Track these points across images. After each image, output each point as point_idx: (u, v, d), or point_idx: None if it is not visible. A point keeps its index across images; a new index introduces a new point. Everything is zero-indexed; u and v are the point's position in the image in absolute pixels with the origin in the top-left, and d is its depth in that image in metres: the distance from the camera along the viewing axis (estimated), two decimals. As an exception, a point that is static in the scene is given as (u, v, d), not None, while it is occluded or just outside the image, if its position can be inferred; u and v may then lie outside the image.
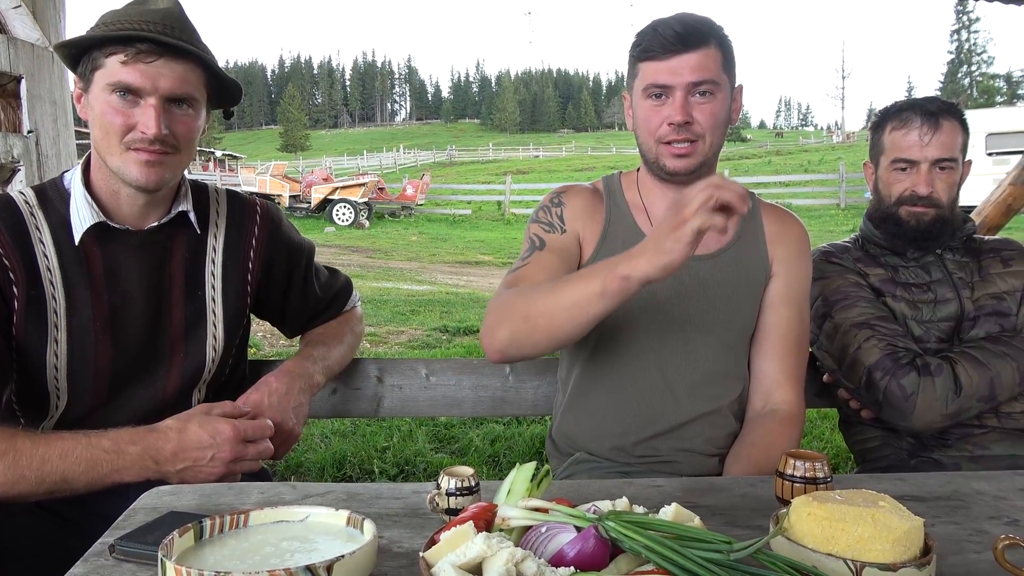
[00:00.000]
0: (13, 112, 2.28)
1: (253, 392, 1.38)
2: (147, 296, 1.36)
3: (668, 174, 1.42)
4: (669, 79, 1.36)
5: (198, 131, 1.33)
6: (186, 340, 1.39)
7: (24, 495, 1.17)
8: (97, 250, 1.32)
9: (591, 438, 1.49)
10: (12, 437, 1.18)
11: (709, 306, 1.45)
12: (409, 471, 3.44)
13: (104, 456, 1.19)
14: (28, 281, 1.27)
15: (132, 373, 1.36)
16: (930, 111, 1.62)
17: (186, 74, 1.27)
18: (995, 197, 4.01)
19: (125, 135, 1.26)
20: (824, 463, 1.02)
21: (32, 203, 1.32)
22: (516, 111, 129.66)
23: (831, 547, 0.78)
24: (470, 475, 0.97)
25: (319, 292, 1.61)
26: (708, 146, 1.39)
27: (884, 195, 1.69)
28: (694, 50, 1.34)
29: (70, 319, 1.30)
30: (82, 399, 1.33)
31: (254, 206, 1.52)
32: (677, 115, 1.35)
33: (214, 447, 1.21)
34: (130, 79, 1.23)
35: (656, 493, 1.12)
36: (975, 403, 1.53)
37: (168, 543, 0.74)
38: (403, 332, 6.49)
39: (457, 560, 0.71)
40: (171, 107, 1.27)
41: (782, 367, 1.46)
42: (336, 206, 19.41)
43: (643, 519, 0.76)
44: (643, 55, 1.39)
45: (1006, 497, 1.11)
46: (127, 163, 1.27)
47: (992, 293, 1.65)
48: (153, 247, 1.37)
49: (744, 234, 1.50)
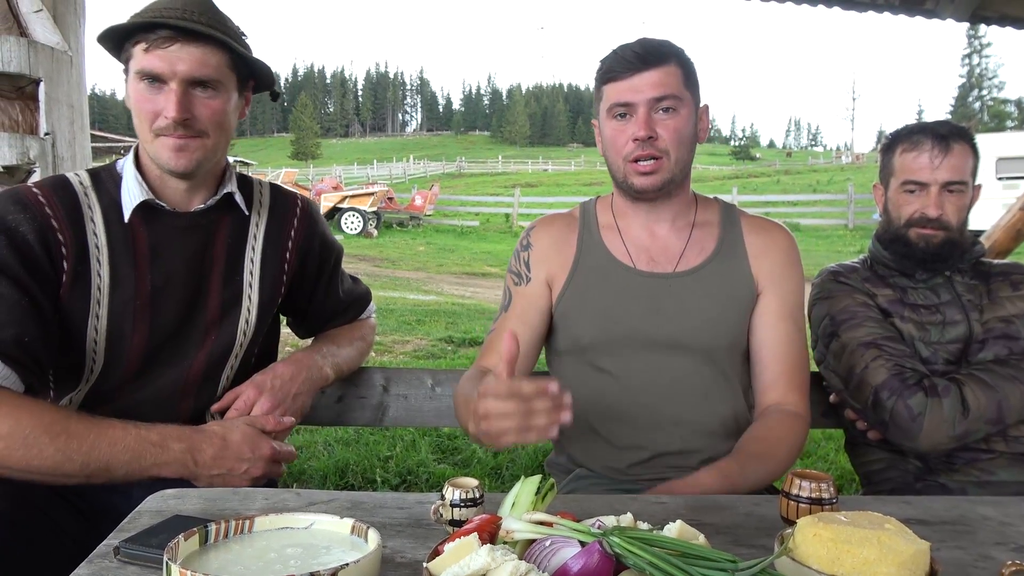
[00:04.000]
0: (31, 114, 2.31)
1: (259, 374, 1.42)
2: (188, 277, 1.38)
3: (636, 192, 1.43)
4: (631, 96, 1.39)
5: (226, 114, 1.34)
6: (220, 323, 1.42)
7: (68, 476, 1.19)
8: (144, 230, 1.35)
9: (586, 458, 1.49)
10: (67, 419, 1.20)
11: (689, 322, 1.44)
12: (412, 481, 3.43)
13: (150, 449, 1.22)
14: (77, 256, 1.30)
15: (164, 352, 1.38)
16: (941, 134, 1.62)
17: (205, 57, 1.28)
18: (1005, 222, 4.00)
19: (153, 122, 1.29)
20: (830, 484, 1.02)
21: (86, 184, 1.35)
22: (526, 124, 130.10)
23: (836, 569, 0.77)
24: (475, 487, 0.97)
25: (341, 295, 1.65)
26: (674, 162, 1.41)
27: (893, 216, 1.69)
28: (654, 67, 1.38)
29: (112, 296, 1.32)
30: (113, 373, 1.35)
31: (296, 199, 1.56)
32: (640, 130, 1.38)
33: (251, 462, 1.27)
34: (151, 65, 1.26)
35: (660, 510, 1.12)
36: (982, 425, 1.52)
37: (173, 546, 0.75)
38: (408, 342, 6.49)
39: (460, 572, 0.71)
40: (193, 91, 1.29)
41: (788, 380, 1.45)
42: (345, 214, 19.47)
43: (648, 535, 0.75)
44: (605, 77, 1.43)
45: (1013, 523, 1.10)
46: (158, 149, 1.30)
47: (1001, 316, 1.64)
48: (198, 229, 1.39)
49: (724, 248, 1.50)
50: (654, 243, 1.49)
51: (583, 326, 1.46)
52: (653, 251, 1.48)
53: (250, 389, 1.40)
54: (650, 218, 1.50)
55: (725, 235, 1.51)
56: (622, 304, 1.45)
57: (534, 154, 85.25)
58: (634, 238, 1.50)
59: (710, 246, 1.49)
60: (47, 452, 1.17)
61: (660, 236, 1.50)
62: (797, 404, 1.44)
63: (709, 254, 1.48)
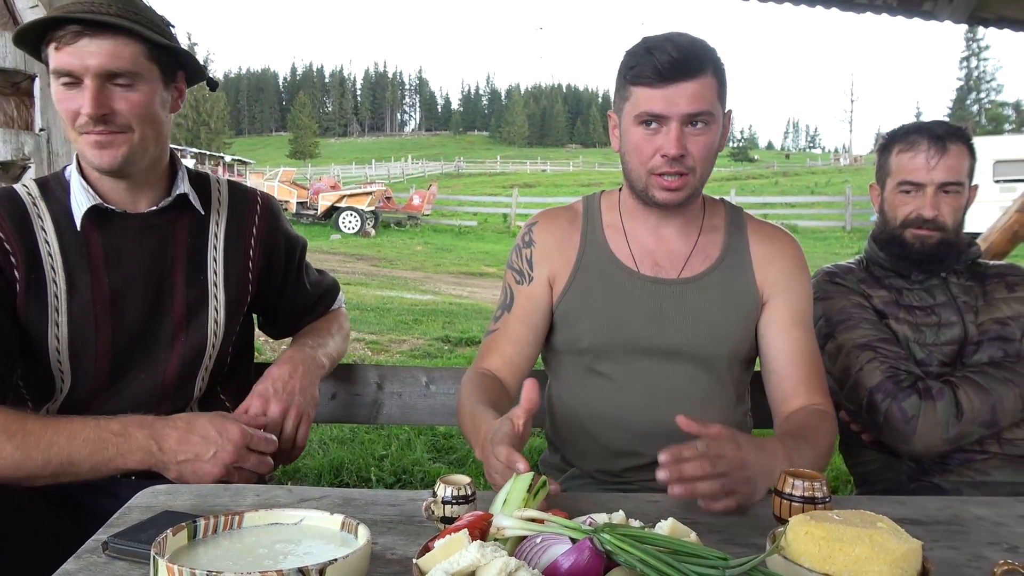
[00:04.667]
0: (26, 110, 2.30)
1: (258, 384, 1.38)
2: (148, 279, 1.36)
3: (656, 204, 1.38)
4: (664, 109, 1.30)
5: (151, 106, 1.30)
6: (187, 324, 1.40)
7: (31, 476, 1.17)
8: (97, 234, 1.33)
9: (579, 460, 1.48)
10: (23, 419, 1.19)
11: (691, 330, 1.41)
12: (406, 480, 3.42)
13: (111, 439, 1.19)
14: (28, 264, 1.28)
15: (133, 356, 1.37)
16: (937, 135, 1.62)
17: (116, 49, 1.24)
18: (1001, 224, 4.01)
19: (75, 120, 1.25)
20: (823, 483, 1.02)
21: (34, 194, 1.34)
22: (525, 125, 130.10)
23: (828, 567, 0.77)
24: (467, 484, 0.97)
25: (309, 287, 1.63)
26: (698, 179, 1.37)
27: (890, 217, 1.69)
28: (691, 79, 1.29)
29: (71, 302, 1.31)
30: (85, 381, 1.34)
31: (255, 195, 1.54)
32: (672, 148, 1.31)
33: (218, 444, 1.21)
34: (63, 63, 1.23)
35: (653, 508, 1.11)
36: (976, 428, 1.52)
37: (161, 541, 0.74)
38: (405, 341, 6.48)
39: (450, 568, 0.70)
40: (110, 85, 1.25)
41: (808, 385, 1.40)
42: (343, 214, 19.45)
43: (639, 532, 0.75)
44: (636, 80, 1.33)
45: (1006, 523, 1.10)
46: (83, 148, 1.28)
47: (996, 318, 1.64)
48: (154, 230, 1.38)
49: (729, 255, 1.46)
50: (659, 247, 1.45)
51: (583, 329, 1.44)
52: (658, 255, 1.45)
53: (255, 401, 1.35)
54: (659, 223, 1.45)
55: (730, 242, 1.47)
56: (623, 310, 1.42)
57: (532, 154, 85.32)
58: (640, 241, 1.46)
59: (715, 253, 1.45)
60: (5, 451, 1.15)
61: (666, 241, 1.45)
62: (825, 405, 1.40)
63: (714, 261, 1.45)
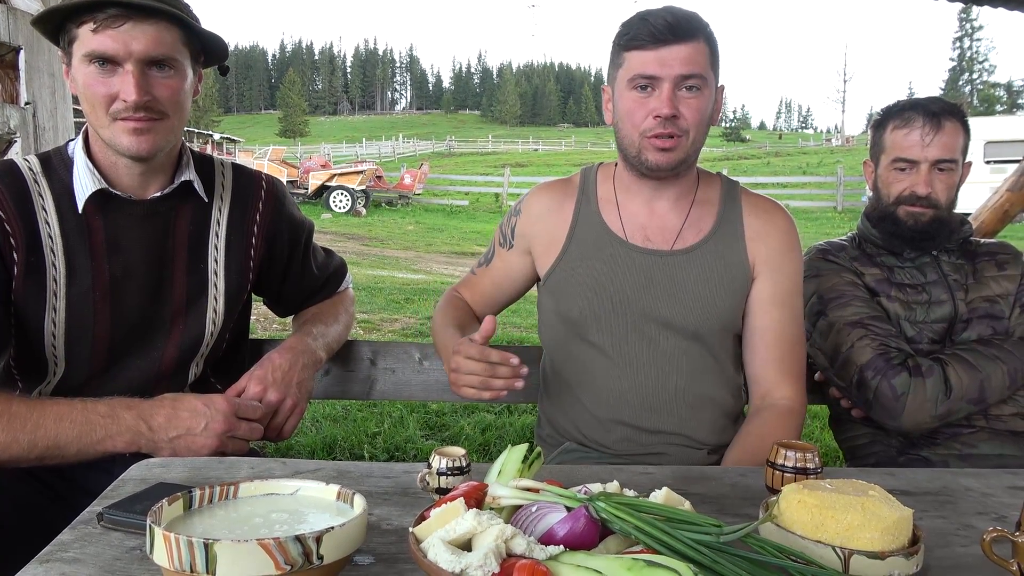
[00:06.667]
0: (11, 83, 2.26)
1: (257, 368, 1.37)
2: (148, 267, 1.35)
3: (649, 168, 1.38)
4: (657, 70, 1.32)
5: (185, 92, 1.30)
6: (186, 313, 1.39)
7: (16, 459, 1.16)
8: (99, 219, 1.31)
9: (574, 432, 1.49)
10: (8, 401, 1.18)
11: (680, 302, 1.42)
12: (399, 457, 3.43)
13: (99, 420, 1.18)
14: (28, 247, 1.26)
15: (130, 343, 1.35)
16: (932, 111, 1.62)
17: (159, 34, 1.22)
18: (992, 203, 4.02)
19: (110, 106, 1.23)
20: (815, 454, 1.03)
21: (36, 170, 1.31)
22: (517, 104, 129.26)
23: (820, 534, 0.78)
24: (461, 455, 0.97)
25: (316, 271, 1.61)
26: (691, 143, 1.37)
27: (883, 194, 1.69)
28: (684, 42, 1.32)
29: (69, 287, 1.29)
30: (80, 367, 1.33)
31: (260, 180, 1.51)
32: (664, 108, 1.32)
33: (207, 416, 1.21)
34: (102, 47, 1.20)
35: (647, 480, 1.12)
36: (964, 405, 1.53)
37: (157, 511, 0.74)
38: (397, 320, 6.47)
39: (447, 535, 0.71)
40: (151, 71, 1.24)
41: (780, 367, 1.43)
42: (333, 193, 19.34)
43: (634, 501, 0.76)
44: (630, 44, 1.35)
45: (994, 494, 1.11)
46: (117, 134, 1.25)
47: (986, 296, 1.65)
48: (156, 217, 1.35)
49: (722, 228, 1.46)
50: (652, 220, 1.46)
51: (573, 298, 1.45)
52: (650, 229, 1.46)
53: (253, 384, 1.34)
54: (653, 195, 1.46)
55: (724, 214, 1.47)
56: (613, 277, 1.43)
57: (524, 134, 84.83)
58: (632, 214, 1.47)
59: (707, 225, 1.46)
60: None
61: (659, 214, 1.46)
62: (790, 396, 1.41)
63: (706, 233, 1.45)
